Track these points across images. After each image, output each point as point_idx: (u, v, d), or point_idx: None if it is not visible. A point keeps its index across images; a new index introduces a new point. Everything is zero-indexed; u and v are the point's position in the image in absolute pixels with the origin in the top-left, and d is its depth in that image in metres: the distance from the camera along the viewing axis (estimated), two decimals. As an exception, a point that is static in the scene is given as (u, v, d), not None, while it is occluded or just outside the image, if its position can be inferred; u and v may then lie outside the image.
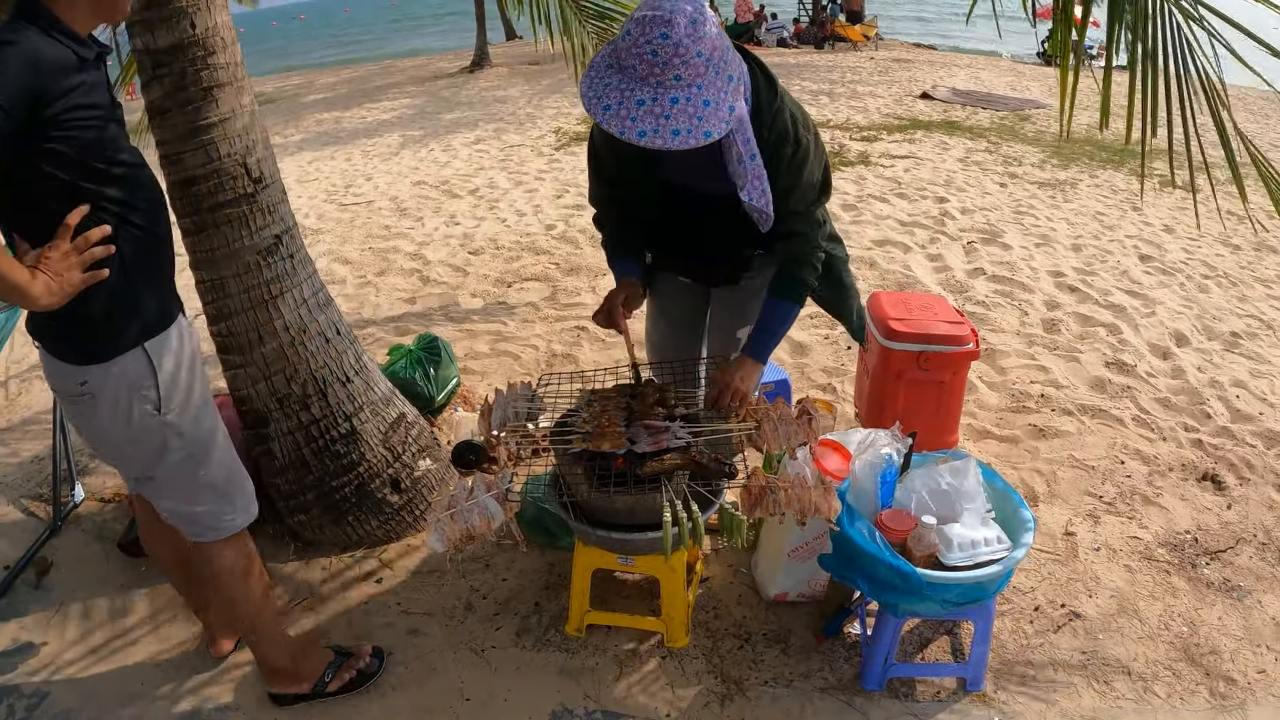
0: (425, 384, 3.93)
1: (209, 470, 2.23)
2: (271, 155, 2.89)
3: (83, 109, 1.76)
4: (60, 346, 1.99)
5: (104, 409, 2.02)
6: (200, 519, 2.28)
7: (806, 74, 16.07)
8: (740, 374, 2.47)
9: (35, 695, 2.62)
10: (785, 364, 4.60)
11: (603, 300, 2.55)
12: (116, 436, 2.09)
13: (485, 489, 2.25)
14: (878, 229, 6.84)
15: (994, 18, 3.04)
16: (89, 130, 1.79)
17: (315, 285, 3.05)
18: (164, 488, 2.22)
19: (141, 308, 2.01)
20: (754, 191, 2.20)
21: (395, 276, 6.20)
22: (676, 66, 1.87)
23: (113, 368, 1.99)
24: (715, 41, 1.91)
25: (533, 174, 8.92)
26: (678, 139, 1.89)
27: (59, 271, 1.80)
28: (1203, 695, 2.61)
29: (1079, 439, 3.93)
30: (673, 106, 1.89)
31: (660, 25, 1.84)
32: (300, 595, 3.00)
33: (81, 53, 1.79)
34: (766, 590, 2.89)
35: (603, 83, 1.95)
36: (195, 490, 2.23)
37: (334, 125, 13.43)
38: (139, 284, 1.99)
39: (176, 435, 2.12)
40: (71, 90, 1.73)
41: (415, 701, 2.58)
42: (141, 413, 2.05)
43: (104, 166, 1.86)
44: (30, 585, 3.07)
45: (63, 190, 1.81)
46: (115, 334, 1.98)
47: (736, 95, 1.98)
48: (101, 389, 2.00)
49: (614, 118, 1.91)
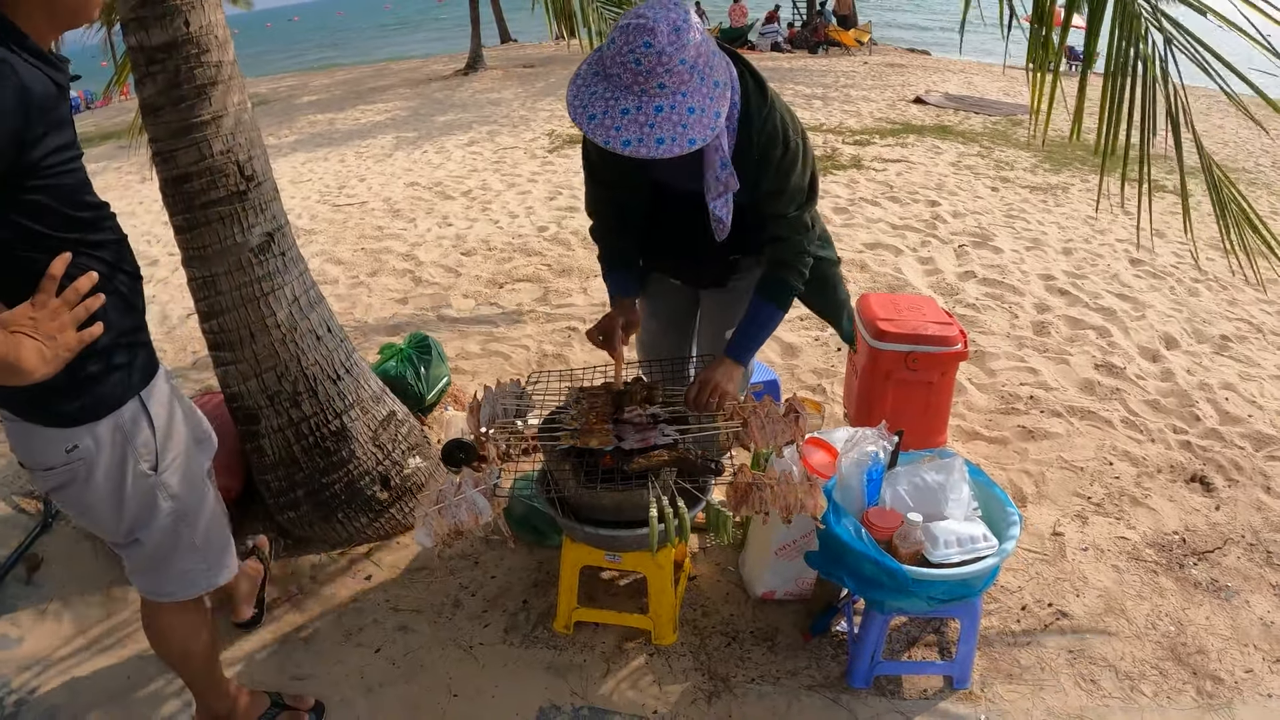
0: (416, 382, 3.94)
1: (197, 532, 2.04)
2: (264, 153, 2.90)
3: (63, 150, 1.55)
4: (38, 409, 1.72)
5: (98, 475, 1.79)
6: (171, 581, 2.07)
7: (800, 78, 16.11)
8: (721, 372, 2.49)
9: (22, 691, 2.62)
10: (775, 365, 4.61)
11: (601, 320, 2.56)
12: (106, 504, 1.86)
13: (473, 485, 2.25)
14: (869, 232, 6.86)
15: (1003, 28, 3.05)
16: (69, 174, 1.58)
17: (307, 283, 3.05)
18: (146, 550, 1.99)
19: (133, 353, 1.82)
20: (718, 203, 2.20)
21: (387, 277, 6.20)
22: (660, 75, 1.87)
23: (108, 425, 1.77)
24: (700, 48, 1.91)
25: (526, 176, 8.93)
26: (662, 147, 1.89)
27: (50, 334, 1.51)
28: (1189, 694, 2.62)
29: (1068, 440, 3.95)
30: (657, 115, 1.89)
31: (644, 34, 1.84)
32: (289, 592, 3.00)
33: (58, 79, 1.55)
34: (754, 588, 2.90)
35: (588, 91, 1.95)
36: (179, 553, 2.03)
37: (328, 127, 13.43)
38: (128, 331, 1.80)
39: (168, 496, 1.93)
40: (55, 128, 1.51)
41: (403, 698, 2.58)
42: (137, 473, 1.85)
43: (79, 212, 1.63)
44: (20, 581, 3.07)
45: (39, 241, 1.56)
46: (110, 385, 1.76)
47: (723, 101, 1.97)
48: (96, 452, 1.77)
49: (599, 127, 1.91)
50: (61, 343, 1.53)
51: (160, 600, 2.12)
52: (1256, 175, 9.91)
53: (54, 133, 1.51)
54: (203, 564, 2.10)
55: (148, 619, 2.19)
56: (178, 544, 2.02)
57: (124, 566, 2.09)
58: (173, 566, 2.05)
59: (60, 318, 1.53)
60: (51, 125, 1.50)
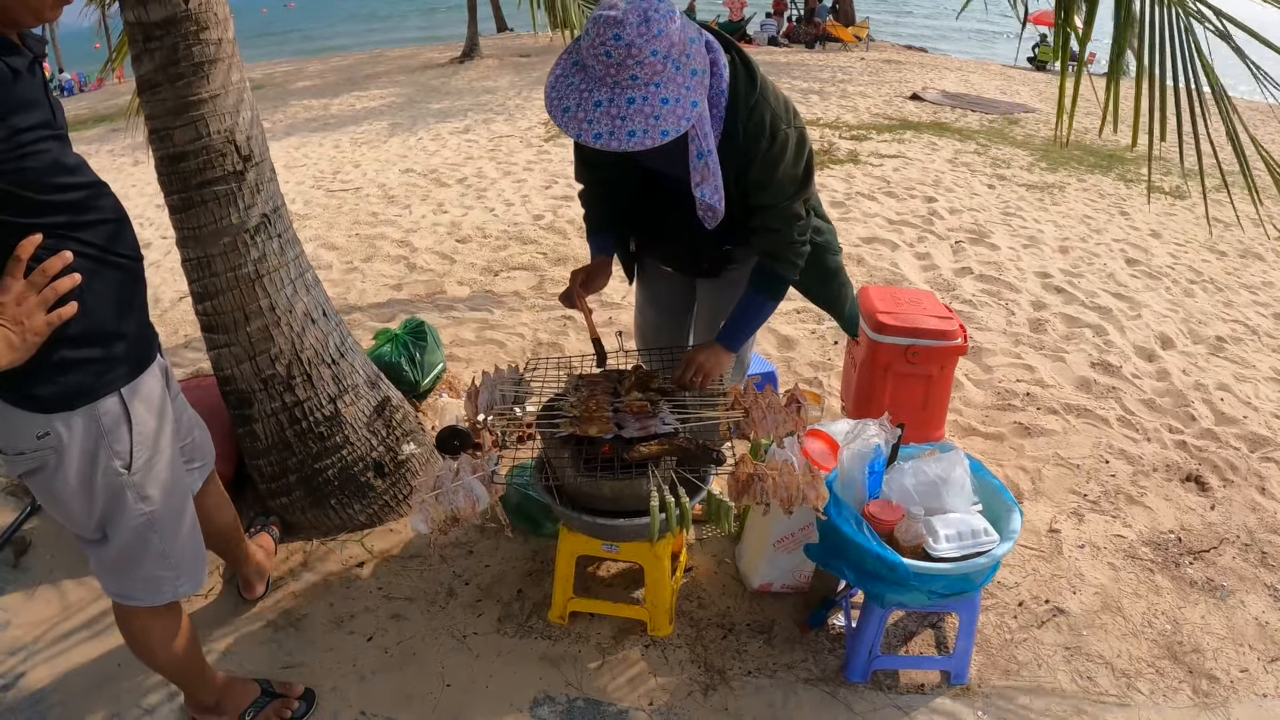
0: (411, 369, 3.91)
1: (169, 544, 1.98)
2: (262, 133, 2.86)
3: (21, 133, 1.47)
4: (13, 392, 1.67)
5: (67, 465, 1.75)
6: (136, 585, 2.01)
7: (797, 73, 16.08)
8: (707, 354, 2.51)
9: (9, 675, 2.58)
10: (772, 357, 4.59)
11: (569, 278, 2.55)
12: (75, 495, 1.81)
13: (471, 472, 2.23)
14: (866, 226, 6.84)
15: (1018, 37, 3.03)
16: (32, 157, 1.50)
17: (302, 266, 3.02)
18: (113, 550, 1.93)
19: (117, 344, 1.76)
20: (705, 189, 2.17)
21: (382, 263, 6.16)
22: (631, 67, 1.85)
23: (82, 415, 1.72)
24: (674, 36, 1.88)
25: (521, 164, 8.88)
26: (634, 140, 1.87)
27: (17, 319, 1.49)
28: (1185, 693, 2.61)
29: (1064, 438, 3.94)
30: (629, 107, 1.87)
31: (613, 26, 1.82)
32: (281, 579, 2.97)
33: (13, 63, 1.47)
34: (751, 581, 2.88)
35: (565, 82, 1.94)
36: (147, 559, 1.96)
37: (322, 112, 13.35)
38: (112, 317, 1.73)
39: (140, 498, 1.87)
40: (8, 114, 1.45)
41: (396, 686, 2.55)
42: (109, 469, 1.79)
43: (52, 196, 1.57)
44: (8, 565, 3.03)
45: (5, 232, 1.52)
46: (88, 375, 1.71)
47: (701, 90, 1.94)
48: (67, 441, 1.72)
49: (572, 120, 1.90)
50: (29, 327, 1.51)
51: (126, 604, 2.06)
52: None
53: (10, 117, 1.45)
54: (171, 572, 2.03)
55: (121, 622, 2.13)
56: (146, 550, 1.95)
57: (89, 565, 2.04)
58: (139, 571, 1.98)
59: (26, 301, 1.51)
60: (6, 110, 1.45)
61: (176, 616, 2.16)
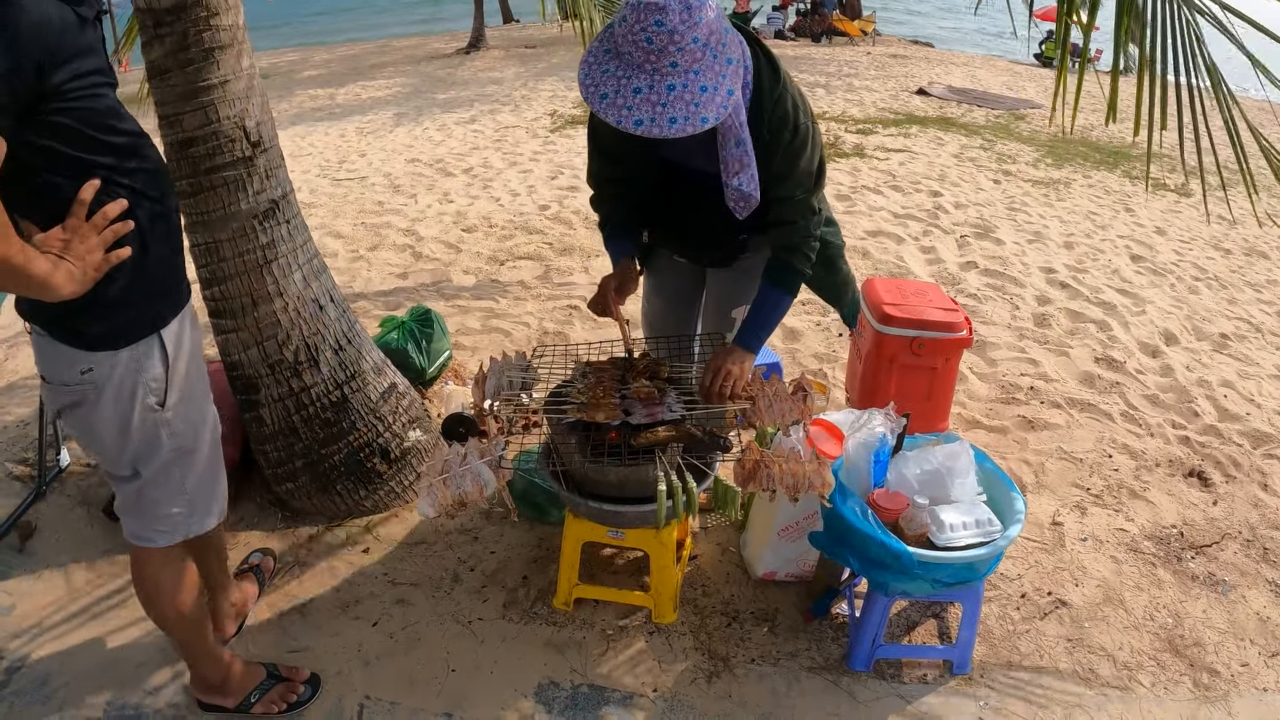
0: (417, 355, 3.92)
1: (194, 472, 2.08)
2: (271, 120, 2.86)
3: (86, 76, 1.60)
4: (63, 329, 1.80)
5: (106, 400, 1.86)
6: (155, 524, 2.09)
7: (804, 66, 16.04)
8: (733, 360, 2.47)
9: (14, 658, 2.60)
10: (777, 348, 4.59)
11: (598, 286, 2.54)
12: (111, 430, 1.91)
13: (479, 456, 2.23)
14: (871, 220, 6.84)
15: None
16: (94, 99, 1.63)
17: (310, 252, 3.02)
18: (142, 485, 2.02)
19: (159, 288, 1.88)
20: (743, 178, 2.18)
21: (388, 252, 6.17)
22: (672, 54, 1.85)
23: (125, 355, 1.84)
24: (713, 25, 1.89)
25: (527, 155, 8.87)
26: (675, 127, 1.88)
27: (80, 255, 1.64)
28: (1186, 686, 2.62)
29: (1067, 432, 3.95)
30: (669, 94, 1.88)
31: (655, 12, 1.82)
32: (287, 565, 2.99)
33: (82, 12, 1.61)
34: (755, 569, 2.89)
35: (600, 69, 1.94)
36: (169, 494, 2.06)
37: (328, 101, 13.33)
38: (156, 262, 1.85)
39: (171, 434, 1.98)
40: (76, 56, 1.57)
41: (400, 671, 2.57)
42: (144, 406, 1.90)
43: (107, 137, 1.69)
44: (13, 549, 3.04)
45: (66, 164, 1.64)
46: (132, 317, 1.83)
47: (736, 79, 1.95)
48: (107, 378, 1.83)
49: (611, 106, 1.90)
50: (90, 263, 1.65)
51: (141, 545, 2.14)
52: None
53: (77, 59, 1.57)
54: (186, 509, 2.12)
55: (136, 573, 2.21)
56: (168, 483, 2.05)
57: (115, 501, 2.12)
58: (160, 508, 2.08)
59: (89, 240, 1.65)
60: (72, 53, 1.56)
61: (186, 567, 2.23)
